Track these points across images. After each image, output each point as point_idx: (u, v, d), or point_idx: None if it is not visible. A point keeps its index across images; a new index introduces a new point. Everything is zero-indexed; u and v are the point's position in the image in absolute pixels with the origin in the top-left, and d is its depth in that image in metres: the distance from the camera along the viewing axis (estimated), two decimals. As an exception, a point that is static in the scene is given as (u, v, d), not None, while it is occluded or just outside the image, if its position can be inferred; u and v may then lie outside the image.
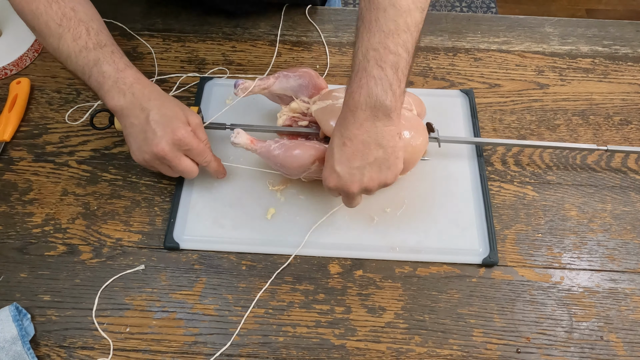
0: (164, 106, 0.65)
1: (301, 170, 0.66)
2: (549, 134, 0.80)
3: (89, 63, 0.65)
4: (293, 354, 0.62)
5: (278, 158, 0.66)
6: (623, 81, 0.87)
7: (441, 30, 0.93)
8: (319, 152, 0.66)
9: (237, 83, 0.70)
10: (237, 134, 0.67)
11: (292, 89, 0.71)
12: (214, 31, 0.91)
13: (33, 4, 0.65)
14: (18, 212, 0.71)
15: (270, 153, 0.67)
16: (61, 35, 0.65)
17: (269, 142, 0.68)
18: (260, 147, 0.67)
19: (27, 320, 0.62)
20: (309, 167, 0.66)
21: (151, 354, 0.61)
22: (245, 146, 0.67)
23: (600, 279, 0.67)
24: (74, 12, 0.66)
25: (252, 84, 0.70)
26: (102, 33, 0.67)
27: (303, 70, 0.72)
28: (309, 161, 0.65)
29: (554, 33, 0.93)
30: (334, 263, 0.68)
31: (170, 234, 0.68)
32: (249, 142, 0.67)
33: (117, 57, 0.66)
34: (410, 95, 0.72)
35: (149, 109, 0.64)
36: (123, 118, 0.65)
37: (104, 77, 0.64)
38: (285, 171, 0.68)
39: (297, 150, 0.66)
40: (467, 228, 0.70)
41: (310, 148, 0.66)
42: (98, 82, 0.65)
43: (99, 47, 0.65)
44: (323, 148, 0.66)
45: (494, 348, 0.62)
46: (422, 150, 0.68)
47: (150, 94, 0.65)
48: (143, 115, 0.64)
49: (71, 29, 0.65)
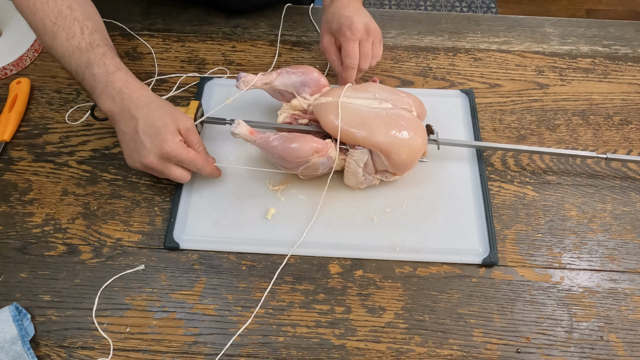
0: (151, 115, 0.64)
1: (300, 163, 0.66)
2: (549, 134, 0.80)
3: (81, 65, 0.65)
4: (293, 354, 0.62)
5: (277, 149, 0.66)
6: (623, 81, 0.87)
7: (441, 30, 0.93)
8: (318, 144, 0.66)
9: (239, 76, 0.71)
10: (237, 124, 0.67)
11: (293, 85, 0.72)
12: (214, 31, 0.91)
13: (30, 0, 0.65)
14: (18, 212, 0.71)
15: (269, 144, 0.67)
16: (55, 34, 0.65)
17: (268, 133, 0.68)
18: (259, 139, 0.68)
19: (27, 320, 0.62)
20: (307, 159, 0.66)
21: (151, 354, 0.61)
22: (245, 137, 0.67)
23: (600, 279, 0.67)
24: (70, 10, 0.66)
25: (254, 78, 0.71)
26: (97, 32, 0.66)
27: (306, 67, 0.72)
28: (308, 153, 0.66)
29: (554, 33, 0.93)
30: (334, 263, 0.68)
31: (170, 234, 0.68)
32: (249, 133, 0.67)
33: (108, 58, 0.65)
34: (410, 96, 0.72)
35: (137, 117, 0.64)
36: (115, 123, 0.66)
37: (95, 80, 0.64)
38: (284, 164, 0.68)
39: (296, 142, 0.66)
40: (467, 228, 0.70)
41: (309, 140, 0.66)
42: (90, 85, 0.65)
43: (91, 48, 0.65)
44: (322, 141, 0.67)
45: (494, 348, 0.62)
46: (421, 151, 0.69)
47: (138, 100, 0.65)
48: (132, 124, 0.64)
49: (66, 27, 0.65)
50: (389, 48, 0.90)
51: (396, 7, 2.19)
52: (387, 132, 0.66)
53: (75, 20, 0.66)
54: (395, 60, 0.89)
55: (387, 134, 0.66)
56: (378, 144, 0.66)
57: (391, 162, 0.68)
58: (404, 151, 0.67)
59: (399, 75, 0.87)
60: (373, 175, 0.70)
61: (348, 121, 0.67)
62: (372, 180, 0.71)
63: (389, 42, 0.91)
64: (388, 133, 0.66)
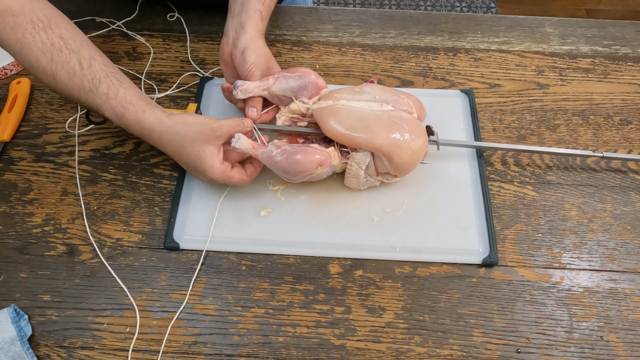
0: (181, 152, 0.65)
1: (304, 175, 0.66)
2: (549, 134, 0.80)
3: (92, 107, 0.64)
4: (293, 354, 0.62)
5: (280, 164, 0.66)
6: (623, 81, 0.87)
7: (441, 30, 0.93)
8: (321, 156, 0.66)
9: (236, 85, 0.69)
10: (237, 138, 0.66)
11: (291, 89, 0.71)
12: (214, 31, 0.91)
13: (19, 31, 0.61)
14: (18, 212, 0.71)
15: (272, 159, 0.66)
16: (55, 73, 0.62)
17: (270, 147, 0.67)
18: (261, 153, 0.67)
19: (25, 321, 0.62)
20: (311, 172, 0.66)
21: (151, 354, 0.61)
22: (247, 151, 0.66)
23: (600, 279, 0.67)
24: (63, 41, 0.62)
25: (251, 85, 0.70)
26: (94, 60, 0.63)
27: (303, 70, 0.71)
28: (312, 167, 0.65)
29: (554, 33, 0.93)
30: (334, 263, 0.68)
31: (170, 234, 0.68)
32: (250, 147, 0.66)
33: (112, 98, 0.63)
34: (410, 97, 0.71)
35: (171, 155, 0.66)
36: None
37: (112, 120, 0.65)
38: (288, 177, 0.67)
39: (299, 155, 0.65)
40: (467, 228, 0.70)
41: (312, 153, 0.65)
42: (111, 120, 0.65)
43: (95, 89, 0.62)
44: (326, 152, 0.66)
45: (494, 348, 0.62)
46: (422, 153, 0.68)
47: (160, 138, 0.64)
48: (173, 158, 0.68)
49: (64, 63, 0.62)
50: (389, 48, 0.90)
51: (396, 7, 2.19)
52: (389, 135, 0.66)
53: (71, 52, 0.62)
54: (395, 60, 0.89)
55: (388, 136, 0.66)
56: (380, 147, 0.66)
57: (393, 165, 0.67)
58: (405, 154, 0.66)
59: (399, 75, 0.87)
60: (374, 177, 0.70)
61: (350, 125, 0.66)
62: (373, 182, 0.71)
63: (389, 42, 0.91)
64: (390, 136, 0.66)
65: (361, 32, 0.92)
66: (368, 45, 0.91)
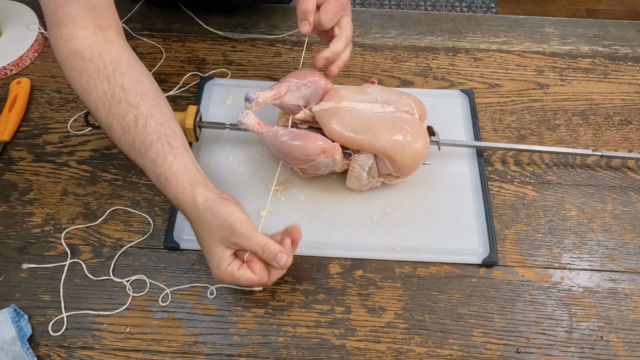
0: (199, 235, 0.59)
1: (305, 160, 0.66)
2: (549, 134, 0.80)
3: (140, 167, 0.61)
4: (293, 354, 0.62)
5: (284, 145, 0.65)
6: (623, 81, 0.87)
7: (441, 30, 0.93)
8: (325, 144, 0.65)
9: (249, 97, 0.66)
10: (245, 114, 0.65)
11: (303, 97, 0.70)
12: (214, 31, 0.91)
13: (84, 77, 0.59)
14: (18, 212, 0.71)
15: (277, 139, 0.66)
16: (110, 125, 0.60)
17: (276, 127, 0.67)
18: (267, 131, 0.66)
19: (25, 321, 0.62)
20: (314, 158, 0.66)
21: (151, 354, 0.61)
22: (252, 128, 0.65)
23: (600, 279, 0.67)
24: (124, 93, 0.59)
25: (265, 97, 0.67)
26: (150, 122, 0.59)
27: (311, 74, 0.70)
28: (316, 152, 0.65)
29: (554, 33, 0.93)
30: (334, 263, 0.68)
31: (170, 234, 0.68)
32: (256, 124, 0.66)
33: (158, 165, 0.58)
34: (411, 97, 0.71)
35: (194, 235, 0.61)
36: None
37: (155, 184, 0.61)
38: (288, 159, 0.67)
39: (305, 139, 0.65)
40: (467, 228, 0.70)
41: (317, 139, 0.65)
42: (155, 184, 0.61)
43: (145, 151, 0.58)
44: (331, 142, 0.66)
45: (494, 348, 0.62)
46: (424, 154, 0.68)
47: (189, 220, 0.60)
48: None
49: (120, 117, 0.59)
50: (389, 48, 0.90)
51: (396, 7, 2.19)
52: (391, 137, 0.66)
53: (129, 106, 0.59)
54: (395, 60, 0.89)
55: (391, 138, 0.66)
56: (382, 149, 0.66)
57: (395, 166, 0.67)
58: (408, 155, 0.66)
59: (399, 75, 0.87)
60: (376, 179, 0.70)
61: (352, 127, 0.66)
62: (375, 183, 0.71)
63: (389, 42, 0.91)
64: (392, 137, 0.66)
65: (361, 32, 0.92)
66: (368, 45, 0.91)
